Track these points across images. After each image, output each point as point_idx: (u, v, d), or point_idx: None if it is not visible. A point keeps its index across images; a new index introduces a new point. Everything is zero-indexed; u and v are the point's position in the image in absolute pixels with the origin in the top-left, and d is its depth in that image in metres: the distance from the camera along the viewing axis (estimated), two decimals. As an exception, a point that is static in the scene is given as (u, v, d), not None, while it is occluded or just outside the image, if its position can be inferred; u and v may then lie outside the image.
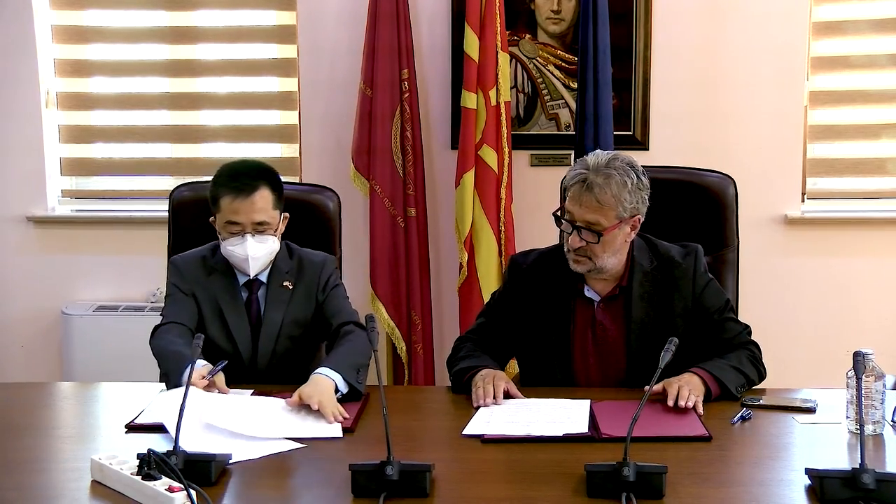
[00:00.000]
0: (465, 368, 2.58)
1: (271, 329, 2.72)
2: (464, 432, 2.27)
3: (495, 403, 2.41)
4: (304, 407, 2.35)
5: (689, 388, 2.38)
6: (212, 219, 2.72)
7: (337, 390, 2.44)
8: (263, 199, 2.63)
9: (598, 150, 2.58)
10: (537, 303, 2.64)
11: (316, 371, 2.47)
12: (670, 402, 2.35)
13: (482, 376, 2.50)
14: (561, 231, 2.60)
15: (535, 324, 2.64)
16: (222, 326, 2.70)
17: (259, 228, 2.63)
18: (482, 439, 2.23)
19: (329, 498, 1.96)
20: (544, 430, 2.25)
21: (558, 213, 2.56)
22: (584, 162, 2.54)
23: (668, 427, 2.26)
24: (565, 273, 2.61)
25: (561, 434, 2.22)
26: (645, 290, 2.60)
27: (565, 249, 2.57)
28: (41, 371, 4.34)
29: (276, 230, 2.68)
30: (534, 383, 2.65)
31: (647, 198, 2.56)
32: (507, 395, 2.47)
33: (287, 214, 2.75)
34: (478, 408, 2.41)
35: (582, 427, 2.25)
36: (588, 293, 2.62)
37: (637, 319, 2.59)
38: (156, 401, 2.41)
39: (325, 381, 2.43)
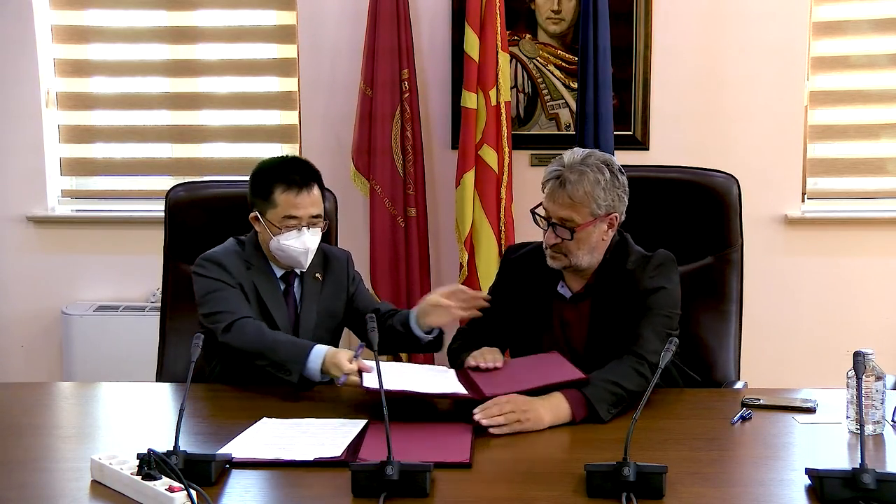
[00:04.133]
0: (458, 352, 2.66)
1: (308, 320, 2.77)
2: (364, 384, 2.35)
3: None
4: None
5: (507, 416, 2.25)
6: (253, 214, 2.73)
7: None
8: (318, 193, 2.73)
9: (576, 148, 2.57)
10: (520, 296, 2.65)
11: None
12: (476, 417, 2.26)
13: (471, 355, 2.56)
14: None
15: (517, 317, 2.65)
16: (266, 320, 2.71)
17: (314, 221, 2.70)
18: (366, 391, 2.33)
19: (329, 498, 1.95)
20: (427, 388, 2.34)
21: (535, 210, 2.56)
22: (560, 160, 2.53)
23: (548, 375, 2.34)
24: (548, 269, 2.60)
25: (445, 392, 2.32)
26: (607, 290, 2.56)
27: (544, 246, 2.57)
28: (41, 371, 4.34)
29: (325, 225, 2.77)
30: None
31: (624, 196, 2.54)
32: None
33: None
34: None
35: (461, 390, 2.34)
36: (561, 289, 2.62)
37: (595, 321, 2.56)
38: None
39: None
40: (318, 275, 2.80)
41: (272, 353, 2.54)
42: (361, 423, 2.29)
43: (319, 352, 2.51)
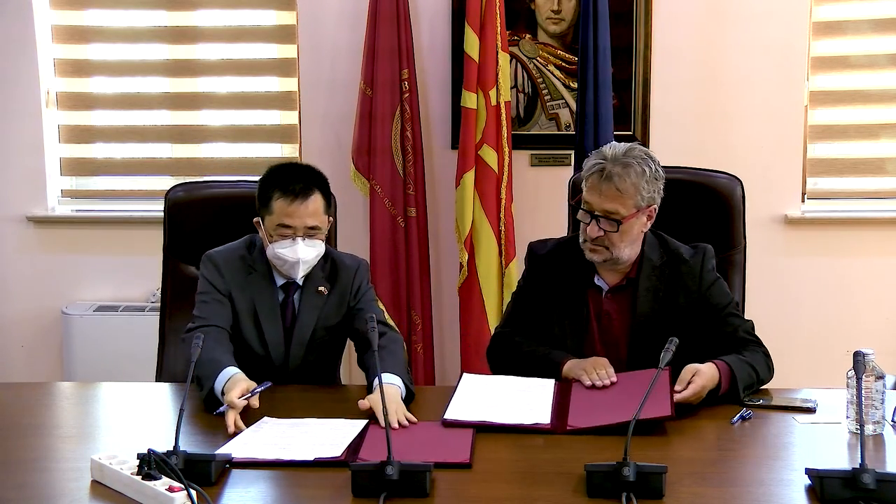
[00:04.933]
0: (548, 356, 2.61)
1: (303, 333, 2.71)
2: (445, 416, 2.30)
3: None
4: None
5: (701, 389, 2.37)
6: (256, 219, 2.70)
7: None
8: (316, 203, 2.62)
9: (613, 142, 2.62)
10: (553, 292, 2.67)
11: (382, 379, 2.30)
12: (679, 391, 2.34)
13: (582, 368, 2.52)
14: (577, 221, 2.62)
15: (552, 312, 2.67)
16: (256, 329, 2.69)
17: (310, 233, 2.62)
18: (443, 423, 2.28)
19: (329, 498, 1.96)
20: (507, 418, 2.28)
21: (575, 203, 2.58)
22: (601, 153, 2.57)
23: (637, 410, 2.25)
24: (580, 263, 2.64)
25: (523, 424, 2.26)
26: (652, 283, 2.62)
27: (581, 240, 2.59)
28: (41, 371, 4.34)
29: (324, 236, 2.68)
30: None
31: (662, 188, 2.60)
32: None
33: (331, 218, 2.74)
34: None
35: (544, 419, 2.28)
36: (598, 282, 2.65)
37: (642, 312, 2.60)
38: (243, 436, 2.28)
39: (394, 389, 2.40)
40: (321, 288, 2.72)
41: (198, 366, 2.46)
42: (362, 423, 2.29)
43: (226, 374, 2.43)
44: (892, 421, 2.29)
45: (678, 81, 4.11)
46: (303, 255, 2.62)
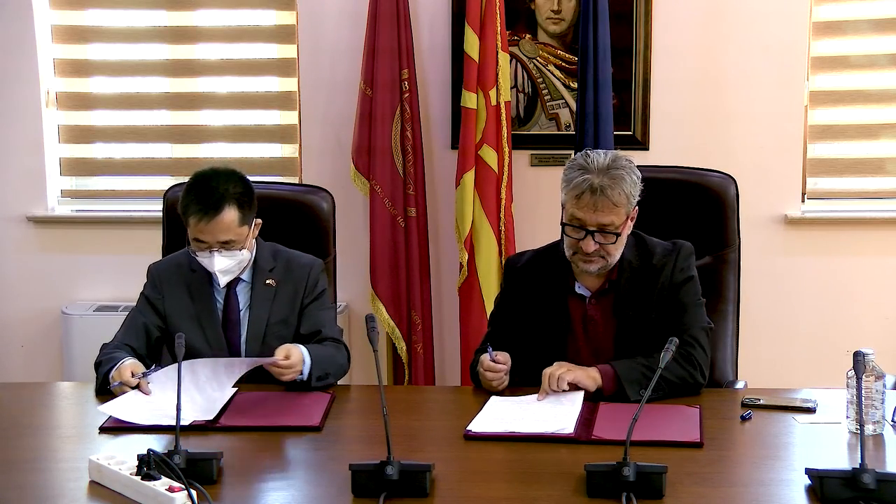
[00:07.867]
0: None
1: (257, 328, 2.73)
2: (468, 428, 2.28)
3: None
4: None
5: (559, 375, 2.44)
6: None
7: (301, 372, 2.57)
8: (228, 218, 2.60)
9: (591, 152, 2.55)
10: (533, 302, 2.65)
11: (302, 345, 2.60)
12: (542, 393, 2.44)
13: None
14: (565, 236, 2.58)
15: (532, 323, 2.64)
16: (198, 328, 2.71)
17: (225, 246, 2.63)
18: (465, 435, 2.25)
19: (329, 498, 1.96)
20: (531, 427, 2.25)
21: (565, 222, 2.54)
22: (583, 166, 2.51)
23: (664, 431, 2.24)
24: (558, 271, 2.62)
25: (546, 433, 2.23)
26: (632, 285, 2.59)
27: (570, 253, 2.56)
28: (41, 371, 4.34)
29: (244, 245, 2.67)
30: (530, 382, 2.65)
31: (641, 188, 2.57)
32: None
33: (259, 221, 2.72)
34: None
35: (568, 428, 2.24)
36: (579, 290, 2.63)
37: (625, 314, 2.59)
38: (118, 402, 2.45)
39: (300, 355, 2.56)
40: (269, 281, 2.74)
41: (99, 369, 2.61)
42: (232, 390, 2.46)
43: (120, 362, 2.55)
44: (892, 421, 2.29)
45: (678, 81, 4.11)
46: (219, 266, 2.64)
